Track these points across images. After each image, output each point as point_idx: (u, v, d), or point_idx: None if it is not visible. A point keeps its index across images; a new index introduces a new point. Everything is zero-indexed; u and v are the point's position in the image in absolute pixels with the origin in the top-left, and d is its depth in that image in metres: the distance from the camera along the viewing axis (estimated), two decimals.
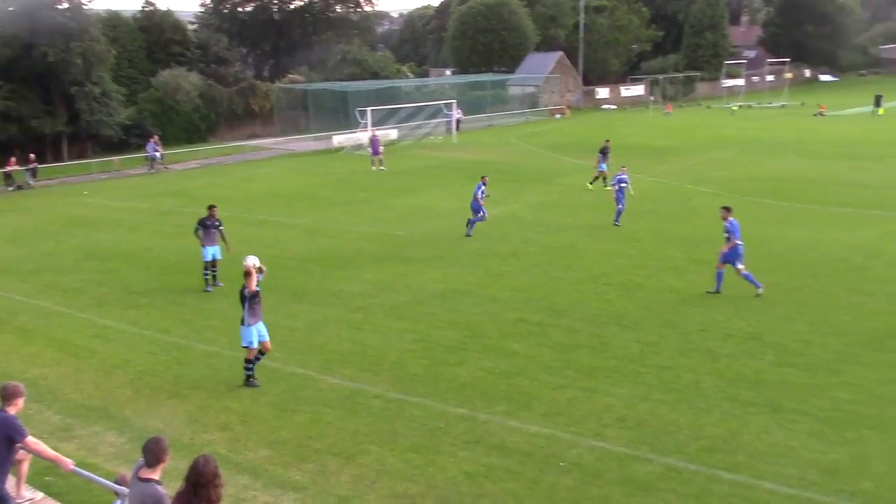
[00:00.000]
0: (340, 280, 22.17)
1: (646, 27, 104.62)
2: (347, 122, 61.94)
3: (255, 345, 14.66)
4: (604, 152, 36.50)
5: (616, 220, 28.19)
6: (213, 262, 21.64)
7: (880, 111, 67.86)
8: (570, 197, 34.24)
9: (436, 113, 65.86)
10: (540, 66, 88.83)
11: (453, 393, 14.38)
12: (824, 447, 12.05)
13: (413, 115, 65.18)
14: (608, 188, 35.15)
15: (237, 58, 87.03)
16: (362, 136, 55.57)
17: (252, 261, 14.63)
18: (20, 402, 9.36)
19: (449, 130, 63.43)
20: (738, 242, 19.45)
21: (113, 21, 69.10)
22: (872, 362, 15.29)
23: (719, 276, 19.76)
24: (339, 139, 58.32)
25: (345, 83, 71.25)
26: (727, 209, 19.81)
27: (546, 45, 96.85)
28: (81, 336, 18.25)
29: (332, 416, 13.60)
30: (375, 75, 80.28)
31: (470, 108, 73.44)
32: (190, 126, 66.79)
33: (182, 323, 18.94)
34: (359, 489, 11.24)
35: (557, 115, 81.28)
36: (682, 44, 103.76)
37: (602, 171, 36.27)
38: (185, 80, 66.24)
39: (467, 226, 27.24)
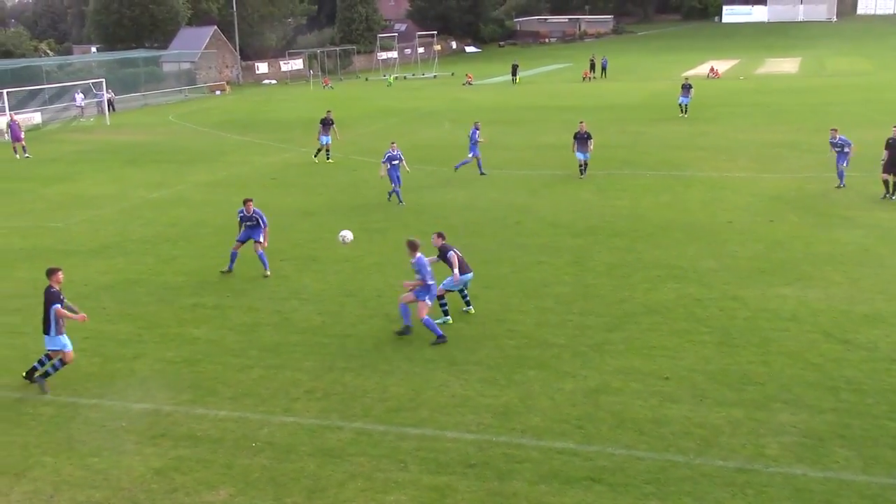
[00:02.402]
0: None
1: (299, 1, 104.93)
2: None
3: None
4: (324, 123, 35.27)
5: (390, 197, 27.18)
6: None
7: (518, 80, 73.82)
8: (239, 174, 33.64)
9: (84, 93, 61.36)
10: (194, 42, 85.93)
11: (132, 388, 13.65)
12: (496, 391, 13.07)
13: (58, 96, 60.25)
14: (329, 161, 34.86)
15: None
16: (0, 122, 50.36)
17: None
18: None
19: (101, 111, 59.38)
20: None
21: None
22: (530, 309, 16.79)
23: (233, 256, 19.96)
24: None
25: None
26: (247, 200, 19.93)
27: (199, 20, 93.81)
28: None
29: None
30: (8, 54, 73.14)
31: (122, 87, 69.30)
32: None
33: None
34: None
35: (217, 92, 79.29)
36: (336, 18, 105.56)
37: (326, 144, 35.23)
38: None
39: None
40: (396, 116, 51.73)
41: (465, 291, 16.56)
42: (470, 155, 31.00)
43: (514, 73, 74.40)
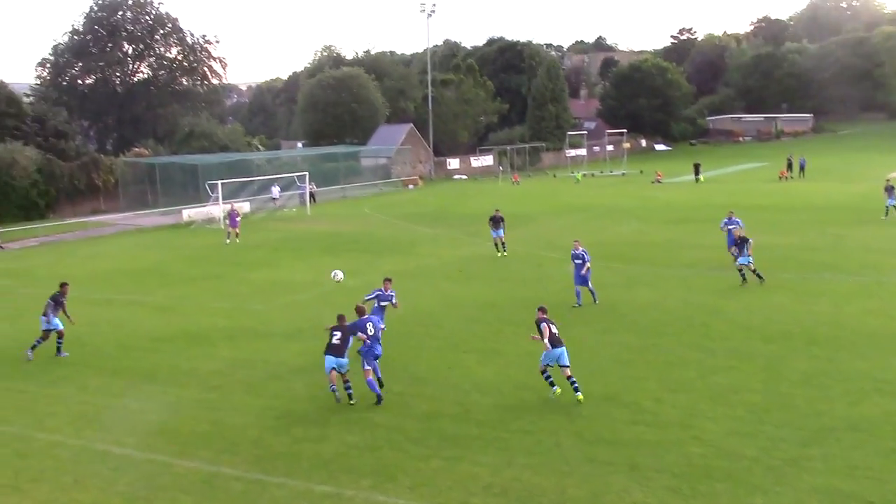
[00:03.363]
0: (194, 358, 21.44)
1: (491, 100, 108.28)
2: (197, 195, 60.65)
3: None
4: (494, 220, 36.19)
5: (577, 302, 25.74)
6: (59, 333, 22.00)
7: (701, 179, 72.35)
8: (427, 266, 34.55)
9: (288, 185, 65.55)
10: (391, 138, 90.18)
11: (317, 470, 14.05)
12: (681, 502, 12.46)
13: (265, 187, 64.64)
14: (505, 254, 35.53)
15: (78, 131, 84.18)
16: (213, 210, 54.56)
17: None
18: None
19: (303, 202, 63.18)
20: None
21: None
22: (718, 416, 16.01)
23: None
24: (190, 213, 56.96)
25: (194, 156, 69.94)
26: (387, 280, 21.83)
27: (396, 118, 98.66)
28: None
29: (189, 502, 13.01)
30: (225, 148, 79.38)
31: (323, 179, 73.49)
32: (27, 203, 63.64)
33: (22, 411, 17.77)
34: None
35: (410, 186, 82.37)
36: (527, 116, 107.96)
37: (499, 237, 36.03)
38: (20, 155, 63.32)
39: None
40: (583, 213, 51.76)
41: (571, 376, 17.00)
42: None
43: (696, 173, 73.12)
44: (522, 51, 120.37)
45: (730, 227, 31.12)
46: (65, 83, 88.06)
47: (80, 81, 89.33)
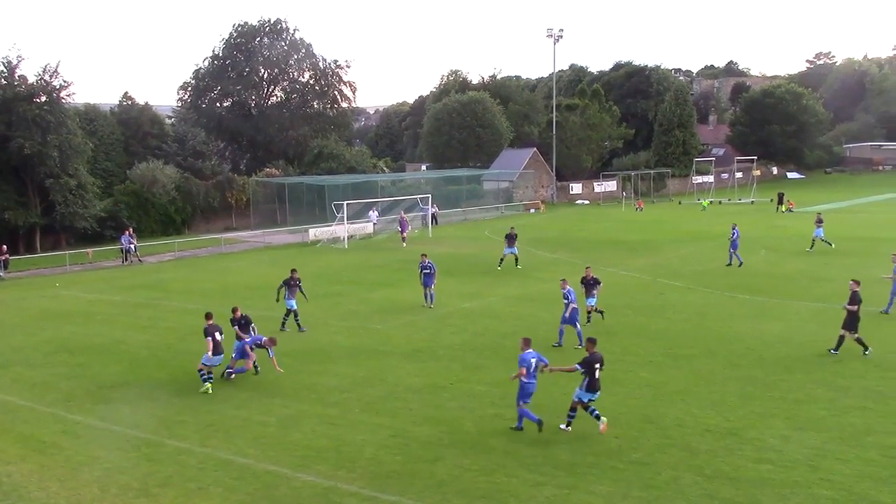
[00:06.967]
0: (315, 374, 21.92)
1: (617, 125, 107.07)
2: (324, 215, 62.34)
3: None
4: (509, 238, 41.05)
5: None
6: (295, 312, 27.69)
7: (783, 208, 71.02)
8: (547, 290, 34.30)
9: (412, 207, 66.49)
10: (514, 162, 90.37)
11: (430, 491, 14.09)
12: None
13: (389, 208, 65.82)
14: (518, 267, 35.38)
15: (214, 151, 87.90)
16: (339, 230, 55.97)
17: None
18: None
19: (425, 224, 63.96)
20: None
21: (91, 114, 70.13)
22: (850, 458, 15.20)
23: None
24: (316, 232, 58.53)
25: (322, 177, 71.99)
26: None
27: (520, 142, 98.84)
28: (48, 432, 17.82)
29: None
30: (352, 170, 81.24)
31: (445, 202, 74.30)
32: (165, 218, 66.97)
33: (152, 418, 18.56)
34: None
35: (532, 210, 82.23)
36: (653, 141, 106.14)
37: (511, 253, 40.67)
38: (161, 173, 66.70)
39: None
40: (709, 241, 50.36)
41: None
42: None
43: (780, 202, 71.98)
44: (650, 76, 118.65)
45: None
46: (204, 105, 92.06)
47: (217, 104, 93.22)
